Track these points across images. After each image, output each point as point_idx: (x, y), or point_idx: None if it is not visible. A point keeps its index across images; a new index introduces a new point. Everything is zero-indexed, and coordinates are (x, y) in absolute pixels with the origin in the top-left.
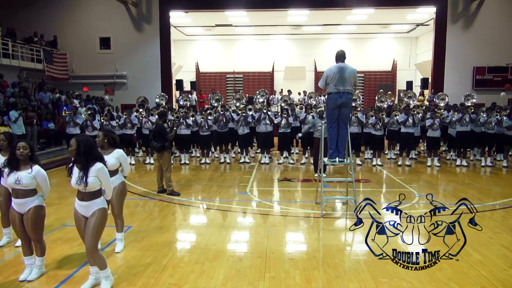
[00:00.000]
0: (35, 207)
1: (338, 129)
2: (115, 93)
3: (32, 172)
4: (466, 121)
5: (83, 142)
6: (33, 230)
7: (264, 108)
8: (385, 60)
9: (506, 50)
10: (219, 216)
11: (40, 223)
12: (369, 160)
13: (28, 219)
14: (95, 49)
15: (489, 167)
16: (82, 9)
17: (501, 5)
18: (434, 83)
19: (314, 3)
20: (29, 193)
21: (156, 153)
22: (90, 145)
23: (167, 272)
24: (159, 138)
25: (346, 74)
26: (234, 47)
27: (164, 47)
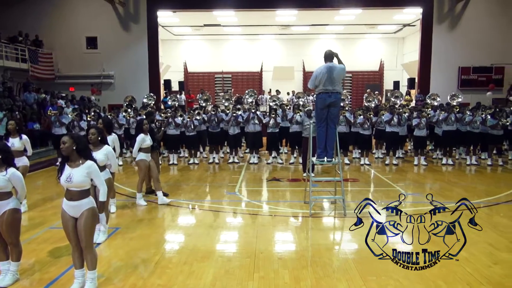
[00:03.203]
0: (10, 210)
1: (327, 129)
2: (102, 93)
3: (6, 175)
4: (452, 121)
5: (80, 139)
6: (8, 234)
7: (252, 108)
8: (372, 60)
9: (491, 51)
10: (208, 216)
11: (16, 227)
12: (357, 159)
13: (3, 222)
14: (81, 48)
15: (474, 165)
16: (68, 8)
17: (486, 6)
18: (421, 83)
19: (302, 3)
20: (3, 195)
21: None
22: (85, 143)
23: (156, 274)
24: None
25: (334, 74)
26: (222, 47)
27: (152, 47)
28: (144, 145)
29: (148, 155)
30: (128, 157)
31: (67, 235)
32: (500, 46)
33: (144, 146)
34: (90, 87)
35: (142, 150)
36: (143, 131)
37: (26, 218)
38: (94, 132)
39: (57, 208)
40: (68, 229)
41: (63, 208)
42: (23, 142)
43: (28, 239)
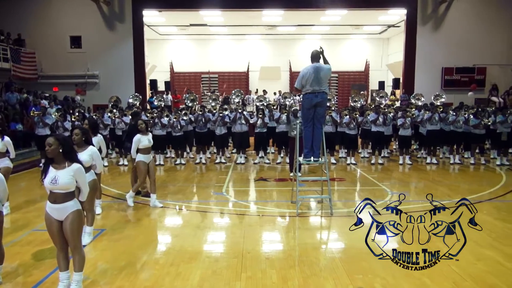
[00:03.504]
0: None
1: (313, 129)
2: (86, 93)
3: None
4: (436, 120)
5: (65, 141)
6: None
7: (239, 108)
8: (358, 60)
9: (473, 52)
10: (195, 217)
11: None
12: (343, 159)
13: None
14: (65, 48)
15: (457, 164)
16: (51, 7)
17: (467, 8)
18: (405, 83)
19: (288, 4)
20: None
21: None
22: (71, 145)
23: (142, 275)
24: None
25: (321, 74)
26: (209, 47)
27: (137, 47)
28: (141, 146)
29: (147, 156)
30: (113, 158)
31: (52, 238)
32: (482, 47)
33: (142, 147)
34: (74, 87)
35: (140, 151)
36: (139, 131)
37: (9, 221)
38: (78, 133)
39: (41, 210)
40: (52, 232)
41: (47, 211)
42: (5, 144)
43: (11, 242)
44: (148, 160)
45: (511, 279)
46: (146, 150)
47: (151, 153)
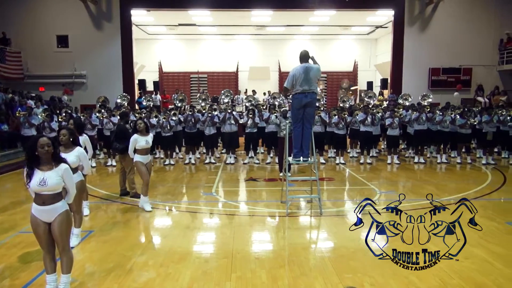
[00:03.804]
0: None
1: (303, 129)
2: (74, 93)
3: None
4: (423, 120)
5: (54, 142)
6: None
7: (228, 108)
8: (346, 61)
9: (459, 52)
10: (185, 217)
11: None
12: (332, 158)
13: None
14: (52, 47)
15: (444, 163)
16: (37, 5)
17: (454, 10)
18: (393, 83)
19: (277, 4)
20: None
21: (119, 155)
22: (57, 145)
23: (131, 277)
24: (121, 140)
25: (311, 74)
26: (198, 46)
27: (125, 46)
28: (138, 146)
29: (144, 157)
30: (101, 158)
31: (38, 241)
32: (467, 48)
33: (138, 147)
34: (61, 87)
35: (138, 152)
36: (137, 131)
37: None
38: (65, 133)
39: (27, 212)
40: (39, 235)
41: (33, 214)
42: None
43: None
44: (146, 161)
45: (498, 277)
46: (144, 151)
47: (149, 154)
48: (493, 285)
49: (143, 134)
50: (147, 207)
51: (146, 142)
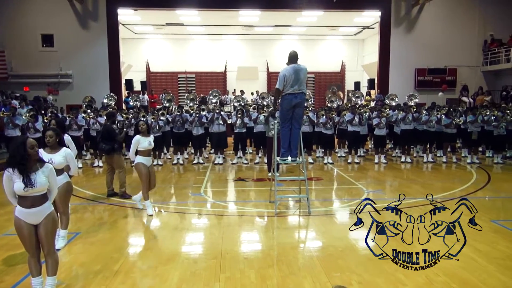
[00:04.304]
0: None
1: (291, 129)
2: (59, 93)
3: None
4: (410, 120)
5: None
6: None
7: (217, 108)
8: (334, 61)
9: (444, 53)
10: (173, 218)
11: None
12: (321, 158)
13: None
14: (36, 46)
15: (430, 162)
16: (22, 3)
17: (439, 11)
18: (380, 83)
19: (265, 4)
20: None
21: (105, 155)
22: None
23: (119, 278)
24: (108, 140)
25: (301, 75)
26: (186, 46)
27: (112, 46)
28: (141, 148)
29: (146, 158)
30: (88, 159)
31: (23, 243)
32: (452, 49)
33: (141, 149)
34: (46, 87)
35: (140, 153)
36: (139, 132)
37: None
38: (52, 135)
39: (12, 214)
40: (24, 237)
41: (18, 216)
42: None
43: None
44: (148, 163)
45: (483, 274)
46: (146, 152)
47: (151, 156)
48: (478, 281)
49: (145, 135)
50: (150, 211)
51: (149, 143)
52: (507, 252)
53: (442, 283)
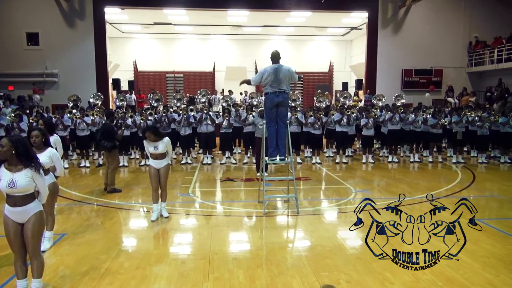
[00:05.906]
0: None
1: (277, 128)
2: (45, 92)
3: None
4: (397, 120)
5: (20, 143)
6: None
7: (205, 109)
8: (322, 61)
9: (430, 54)
10: (161, 219)
11: None
12: (309, 158)
13: None
14: (21, 45)
15: (417, 162)
16: (5, 1)
17: (425, 13)
18: (368, 84)
19: (254, 4)
20: None
21: (106, 153)
22: (26, 145)
23: (106, 280)
24: (109, 138)
25: (281, 75)
26: (174, 46)
27: (99, 45)
28: (148, 152)
29: (155, 161)
30: (74, 159)
31: (9, 243)
32: (438, 50)
33: (149, 152)
34: (31, 86)
35: (151, 156)
36: (143, 132)
37: None
38: (38, 135)
39: (1, 213)
40: (10, 236)
41: (6, 214)
42: None
43: None
44: (158, 166)
45: (469, 272)
46: (153, 156)
47: (163, 159)
48: (462, 279)
49: (150, 141)
50: (164, 213)
51: (155, 148)
52: (491, 250)
53: (428, 281)
